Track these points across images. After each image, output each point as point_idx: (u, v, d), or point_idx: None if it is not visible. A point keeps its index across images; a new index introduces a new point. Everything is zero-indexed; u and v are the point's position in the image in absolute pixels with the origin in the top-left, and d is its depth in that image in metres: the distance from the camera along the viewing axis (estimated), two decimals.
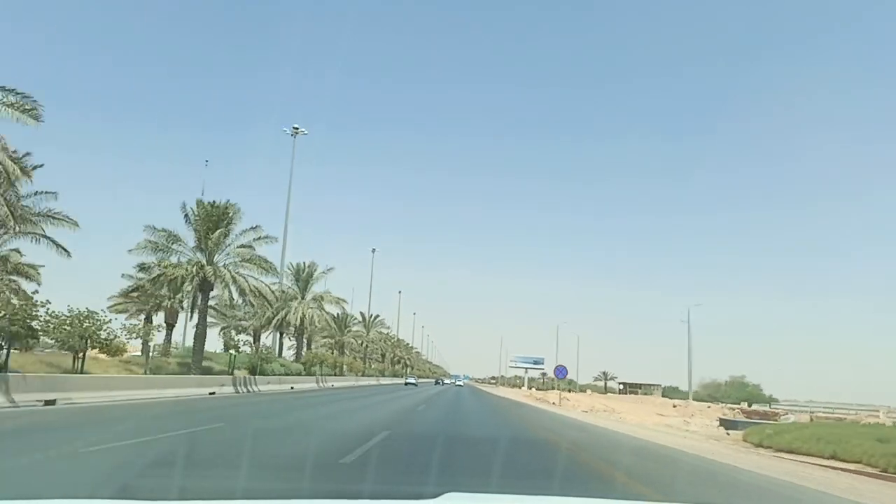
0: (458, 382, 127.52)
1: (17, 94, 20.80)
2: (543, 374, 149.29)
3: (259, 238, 33.49)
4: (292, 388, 38.04)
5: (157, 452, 9.15)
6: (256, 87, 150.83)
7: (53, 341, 23.15)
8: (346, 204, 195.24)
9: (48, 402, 16.36)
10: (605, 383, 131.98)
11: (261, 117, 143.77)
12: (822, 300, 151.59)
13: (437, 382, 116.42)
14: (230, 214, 31.54)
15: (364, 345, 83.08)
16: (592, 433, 20.16)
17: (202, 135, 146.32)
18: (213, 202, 31.80)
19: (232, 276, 31.34)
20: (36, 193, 25.85)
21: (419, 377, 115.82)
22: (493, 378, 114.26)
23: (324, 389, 42.66)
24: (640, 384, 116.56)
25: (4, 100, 20.42)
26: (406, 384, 78.70)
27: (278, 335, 53.04)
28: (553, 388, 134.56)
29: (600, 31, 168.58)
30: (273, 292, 35.22)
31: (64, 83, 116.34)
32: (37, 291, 23.14)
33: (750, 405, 61.75)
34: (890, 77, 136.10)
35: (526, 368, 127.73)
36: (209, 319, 38.71)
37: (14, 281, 29.45)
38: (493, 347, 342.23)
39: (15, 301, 20.59)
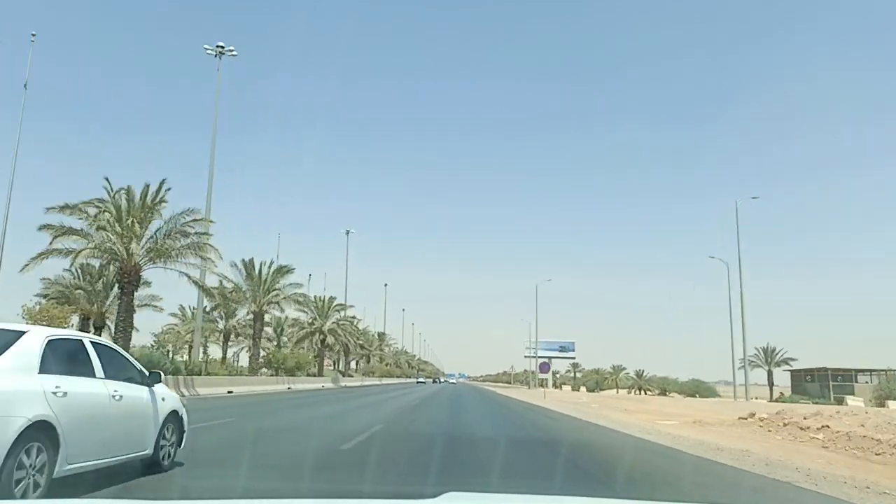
0: (450, 381, 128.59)
1: None
2: (575, 366, 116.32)
3: None
4: None
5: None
6: (255, 92, 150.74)
7: None
8: (342, 205, 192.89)
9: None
10: (770, 371, 67.93)
11: (260, 122, 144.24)
12: None
13: (435, 381, 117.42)
14: None
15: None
16: None
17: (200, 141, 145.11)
18: None
19: None
20: None
21: (400, 376, 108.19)
22: (542, 372, 62.33)
23: None
24: (869, 370, 59.15)
25: None
26: (417, 383, 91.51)
27: None
28: (592, 384, 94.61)
29: (595, 27, 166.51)
30: None
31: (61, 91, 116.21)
32: None
33: None
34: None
35: (549, 358, 77.44)
36: None
37: None
38: (491, 347, 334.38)
39: None
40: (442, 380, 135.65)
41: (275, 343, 62.75)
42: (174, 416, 7.43)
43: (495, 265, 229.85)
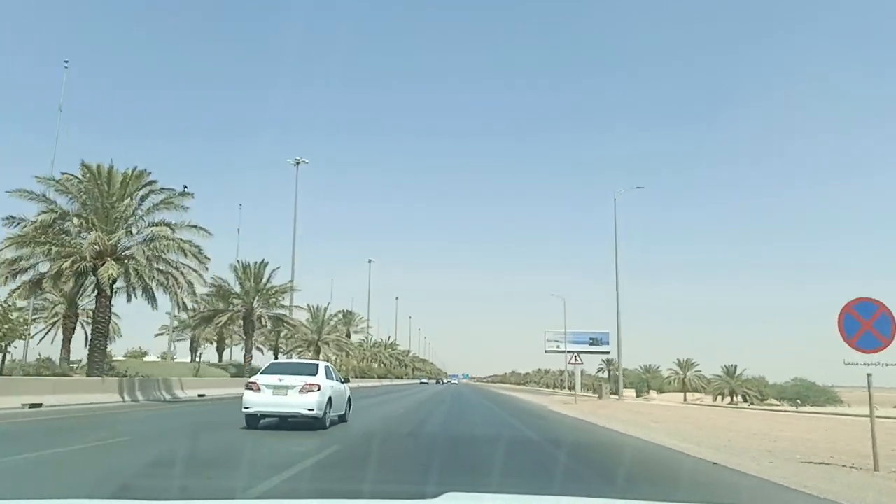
0: (453, 381, 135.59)
1: None
2: (608, 362, 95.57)
3: None
4: None
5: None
6: (254, 98, 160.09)
7: None
8: (343, 208, 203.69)
9: None
10: None
11: (259, 127, 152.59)
12: None
13: (438, 382, 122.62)
14: None
15: None
16: None
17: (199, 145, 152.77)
18: None
19: None
20: None
21: (385, 375, 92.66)
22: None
23: None
24: None
25: None
26: (420, 383, 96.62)
27: None
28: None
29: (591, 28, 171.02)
30: None
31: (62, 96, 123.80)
32: None
33: None
34: None
35: (576, 353, 51.46)
36: None
37: None
38: (495, 347, 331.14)
39: None
40: (444, 381, 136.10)
41: None
42: (349, 399, 15.90)
43: (497, 265, 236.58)
